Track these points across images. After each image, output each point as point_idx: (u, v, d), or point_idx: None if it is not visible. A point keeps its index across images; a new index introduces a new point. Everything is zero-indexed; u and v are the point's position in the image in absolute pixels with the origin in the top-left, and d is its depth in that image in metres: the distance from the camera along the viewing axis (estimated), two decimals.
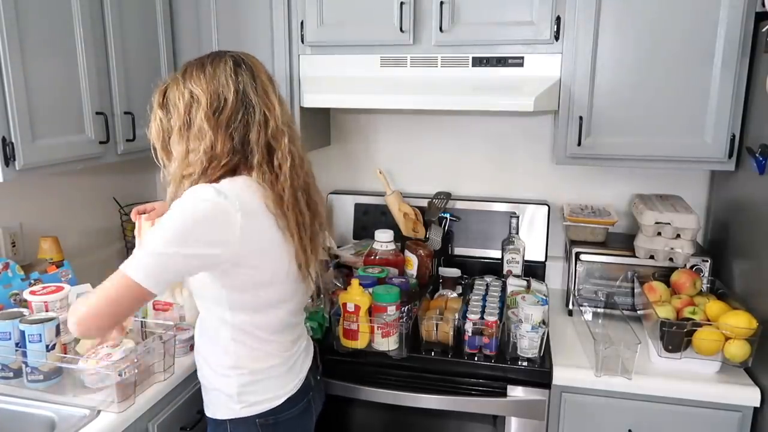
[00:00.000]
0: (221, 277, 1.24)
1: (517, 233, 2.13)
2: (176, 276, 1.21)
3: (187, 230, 1.16)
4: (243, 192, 1.23)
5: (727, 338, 1.52)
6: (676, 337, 1.55)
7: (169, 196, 1.28)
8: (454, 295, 1.95)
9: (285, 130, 1.29)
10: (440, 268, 2.13)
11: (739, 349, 1.51)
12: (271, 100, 1.28)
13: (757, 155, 1.57)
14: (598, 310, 1.91)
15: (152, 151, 1.34)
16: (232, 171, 1.27)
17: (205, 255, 1.18)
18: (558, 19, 1.77)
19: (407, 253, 2.03)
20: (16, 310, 1.49)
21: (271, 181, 1.26)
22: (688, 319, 1.58)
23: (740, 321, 1.50)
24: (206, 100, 1.23)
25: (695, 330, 1.54)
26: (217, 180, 1.24)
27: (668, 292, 1.76)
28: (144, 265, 1.15)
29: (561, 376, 1.61)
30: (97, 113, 1.72)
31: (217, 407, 1.36)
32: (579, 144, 1.81)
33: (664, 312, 1.62)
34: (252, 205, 1.23)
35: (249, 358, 1.32)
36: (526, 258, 2.12)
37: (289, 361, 1.39)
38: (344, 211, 2.31)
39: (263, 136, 1.26)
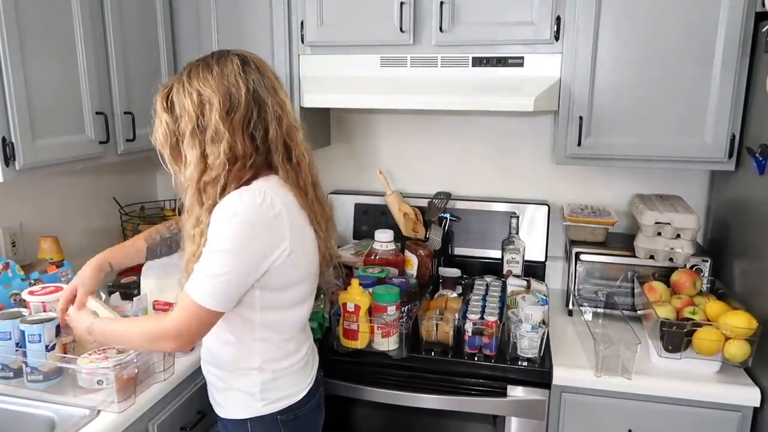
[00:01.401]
0: (264, 277, 1.23)
1: (517, 233, 2.13)
2: (244, 288, 1.21)
3: (242, 244, 1.17)
4: (280, 191, 1.24)
5: (727, 338, 1.52)
6: (676, 337, 1.55)
7: (188, 202, 1.27)
8: (454, 295, 1.95)
9: (297, 126, 1.30)
10: (440, 268, 2.13)
11: (739, 349, 1.51)
12: (281, 97, 1.28)
13: (757, 155, 1.57)
14: (598, 310, 1.91)
15: (159, 157, 1.31)
16: (256, 173, 1.25)
17: (266, 262, 1.20)
18: (558, 19, 1.77)
19: (407, 253, 2.03)
20: (16, 310, 1.49)
21: (293, 178, 1.28)
22: (688, 319, 1.58)
23: (740, 321, 1.50)
24: (218, 100, 1.20)
25: (695, 330, 1.54)
26: (247, 182, 1.23)
27: (668, 292, 1.76)
28: (207, 290, 1.17)
29: (561, 376, 1.61)
30: (97, 113, 1.72)
31: (235, 407, 1.35)
32: (579, 144, 1.81)
33: (664, 312, 1.62)
34: (289, 204, 1.24)
35: (273, 357, 1.33)
36: (526, 258, 2.12)
37: (305, 358, 1.41)
38: (344, 211, 2.31)
39: (280, 134, 1.26)
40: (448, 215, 2.19)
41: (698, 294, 1.74)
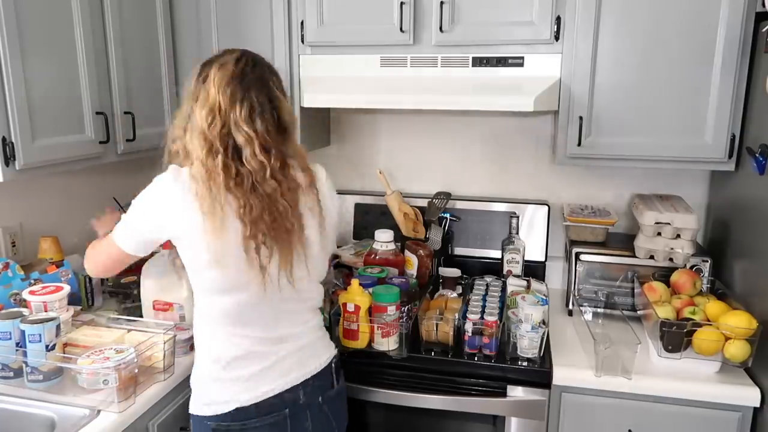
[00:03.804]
0: (180, 252, 1.32)
1: (517, 233, 2.13)
2: (143, 242, 1.35)
3: (141, 206, 1.30)
4: (200, 179, 1.25)
5: (727, 338, 1.52)
6: (676, 337, 1.55)
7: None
8: (454, 295, 1.95)
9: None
10: (440, 268, 2.13)
11: (739, 349, 1.51)
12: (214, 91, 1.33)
13: (757, 155, 1.57)
14: (598, 310, 1.91)
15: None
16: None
17: (157, 231, 1.30)
18: (558, 19, 1.77)
19: (407, 253, 2.03)
20: (16, 310, 1.49)
21: (209, 170, 1.25)
22: (688, 319, 1.58)
23: (740, 321, 1.50)
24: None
25: (695, 330, 1.54)
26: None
27: (668, 292, 1.76)
28: (121, 234, 1.35)
29: (561, 376, 1.61)
30: (97, 113, 1.72)
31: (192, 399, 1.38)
32: (579, 144, 1.81)
33: (664, 312, 1.62)
34: (203, 195, 1.23)
35: (215, 346, 1.32)
36: (526, 258, 2.12)
37: (259, 364, 1.31)
38: (344, 211, 2.31)
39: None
40: (448, 215, 2.19)
41: (698, 294, 1.74)
